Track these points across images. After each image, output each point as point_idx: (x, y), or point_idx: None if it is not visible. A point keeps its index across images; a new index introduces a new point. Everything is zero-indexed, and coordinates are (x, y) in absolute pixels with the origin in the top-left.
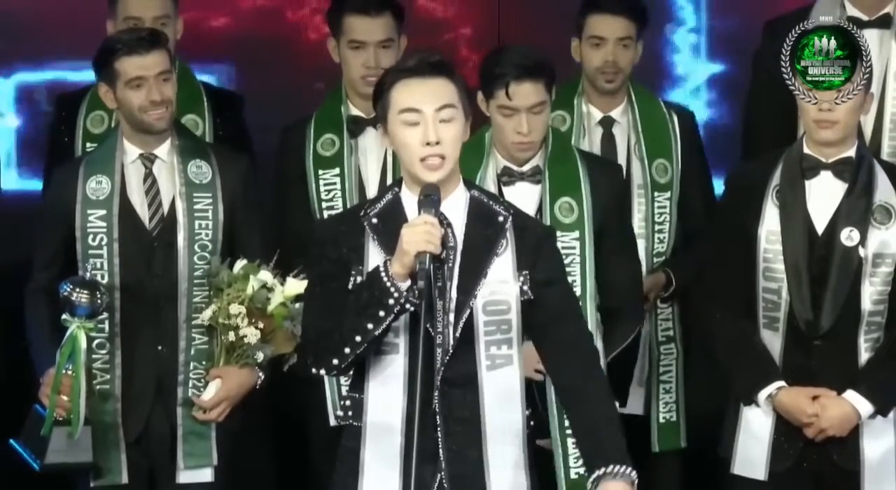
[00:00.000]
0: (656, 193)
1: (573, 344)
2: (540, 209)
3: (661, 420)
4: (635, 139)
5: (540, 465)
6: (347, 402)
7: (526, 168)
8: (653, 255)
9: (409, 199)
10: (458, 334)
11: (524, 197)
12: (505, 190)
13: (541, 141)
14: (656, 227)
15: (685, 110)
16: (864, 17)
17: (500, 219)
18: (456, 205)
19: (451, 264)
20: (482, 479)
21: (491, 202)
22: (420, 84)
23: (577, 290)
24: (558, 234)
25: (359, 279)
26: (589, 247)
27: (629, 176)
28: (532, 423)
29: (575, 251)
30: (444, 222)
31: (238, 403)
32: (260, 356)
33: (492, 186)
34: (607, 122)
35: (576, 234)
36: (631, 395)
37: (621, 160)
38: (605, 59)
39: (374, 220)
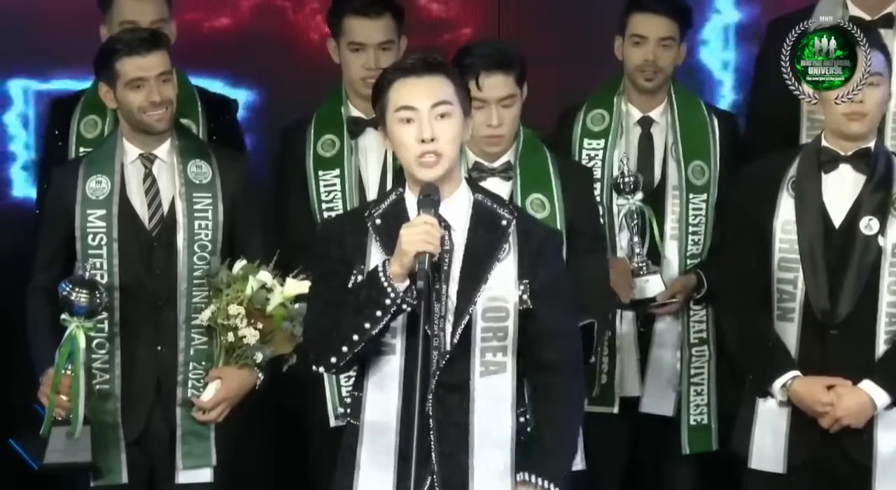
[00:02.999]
0: (691, 195)
1: (566, 360)
2: None
3: (692, 422)
4: (672, 140)
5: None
6: (348, 400)
7: (497, 164)
8: (686, 257)
9: (412, 200)
10: (455, 340)
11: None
12: None
13: (511, 136)
14: (691, 229)
15: (728, 113)
16: (867, 17)
17: (504, 223)
18: (458, 207)
19: (447, 267)
20: (468, 484)
21: (495, 205)
22: (416, 82)
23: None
24: None
25: (360, 279)
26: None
27: (665, 177)
28: (522, 419)
29: None
30: (442, 225)
31: (238, 404)
32: (259, 357)
33: None
34: (646, 122)
35: None
36: (661, 396)
37: (658, 161)
38: (644, 58)
39: (378, 221)
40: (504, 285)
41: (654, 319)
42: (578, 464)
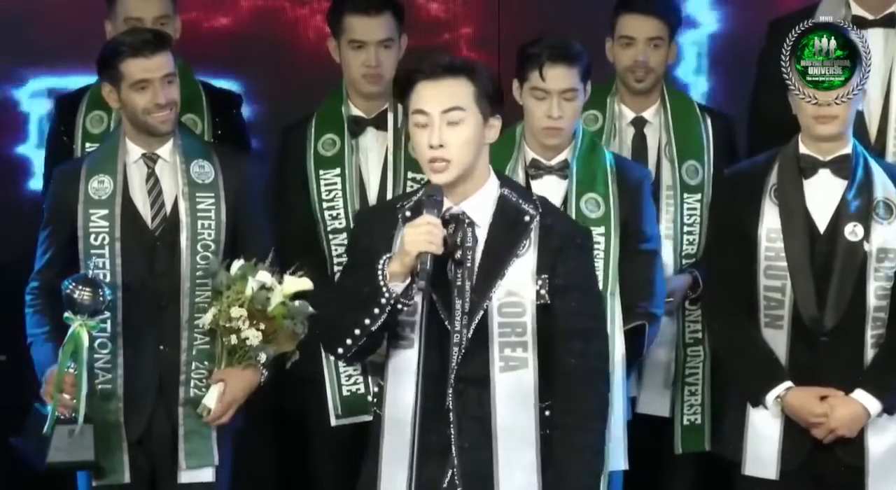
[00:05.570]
0: (685, 195)
1: (575, 364)
2: (565, 203)
3: (686, 422)
4: (666, 140)
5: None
6: (376, 389)
7: (554, 162)
8: (681, 257)
9: None
10: (470, 334)
11: (551, 191)
12: (532, 183)
13: (570, 131)
14: (685, 229)
15: (721, 113)
16: (870, 17)
17: (527, 218)
18: (483, 203)
19: (469, 264)
20: (492, 478)
21: (521, 201)
22: (431, 86)
23: (599, 285)
24: None
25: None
26: (614, 242)
27: (659, 177)
28: (548, 413)
29: (599, 246)
30: (465, 222)
31: (242, 402)
32: (263, 357)
33: (520, 179)
34: (639, 123)
35: (601, 229)
36: (657, 396)
37: (652, 161)
38: (634, 59)
39: (408, 214)
40: (521, 280)
41: None
42: (621, 464)
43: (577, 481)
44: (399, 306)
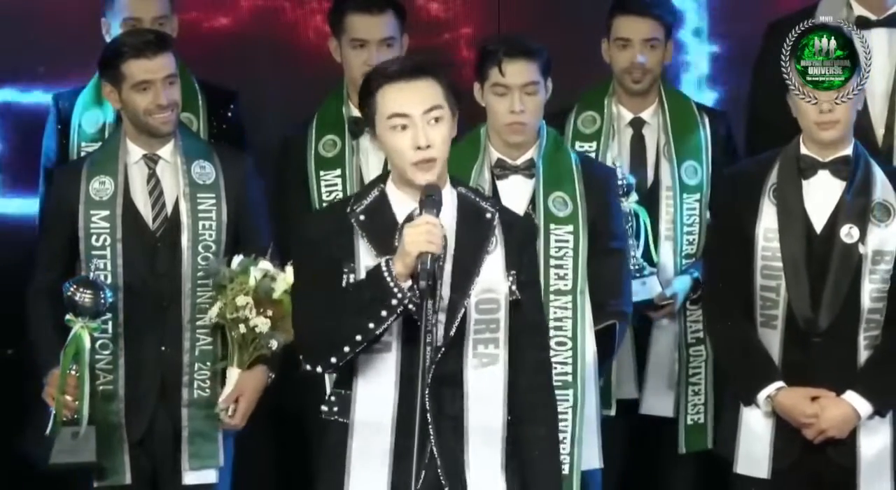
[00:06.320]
0: (685, 195)
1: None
2: (533, 202)
3: (689, 422)
4: (665, 140)
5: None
6: (333, 398)
7: (519, 161)
8: (681, 257)
9: (396, 195)
10: (451, 333)
11: (518, 190)
12: (499, 183)
13: (534, 127)
14: (685, 229)
15: (718, 111)
16: (872, 17)
17: (489, 216)
18: (445, 203)
19: (441, 263)
20: (463, 476)
21: (477, 199)
22: (406, 87)
23: (568, 284)
24: (552, 227)
25: (352, 277)
26: (582, 241)
27: (658, 177)
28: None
29: (568, 245)
30: None
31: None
32: (274, 344)
33: (486, 179)
34: (637, 123)
35: (570, 227)
36: (661, 397)
37: (650, 161)
38: (631, 60)
39: (362, 217)
40: (494, 277)
41: (651, 321)
42: (595, 463)
43: (550, 479)
44: (411, 307)
